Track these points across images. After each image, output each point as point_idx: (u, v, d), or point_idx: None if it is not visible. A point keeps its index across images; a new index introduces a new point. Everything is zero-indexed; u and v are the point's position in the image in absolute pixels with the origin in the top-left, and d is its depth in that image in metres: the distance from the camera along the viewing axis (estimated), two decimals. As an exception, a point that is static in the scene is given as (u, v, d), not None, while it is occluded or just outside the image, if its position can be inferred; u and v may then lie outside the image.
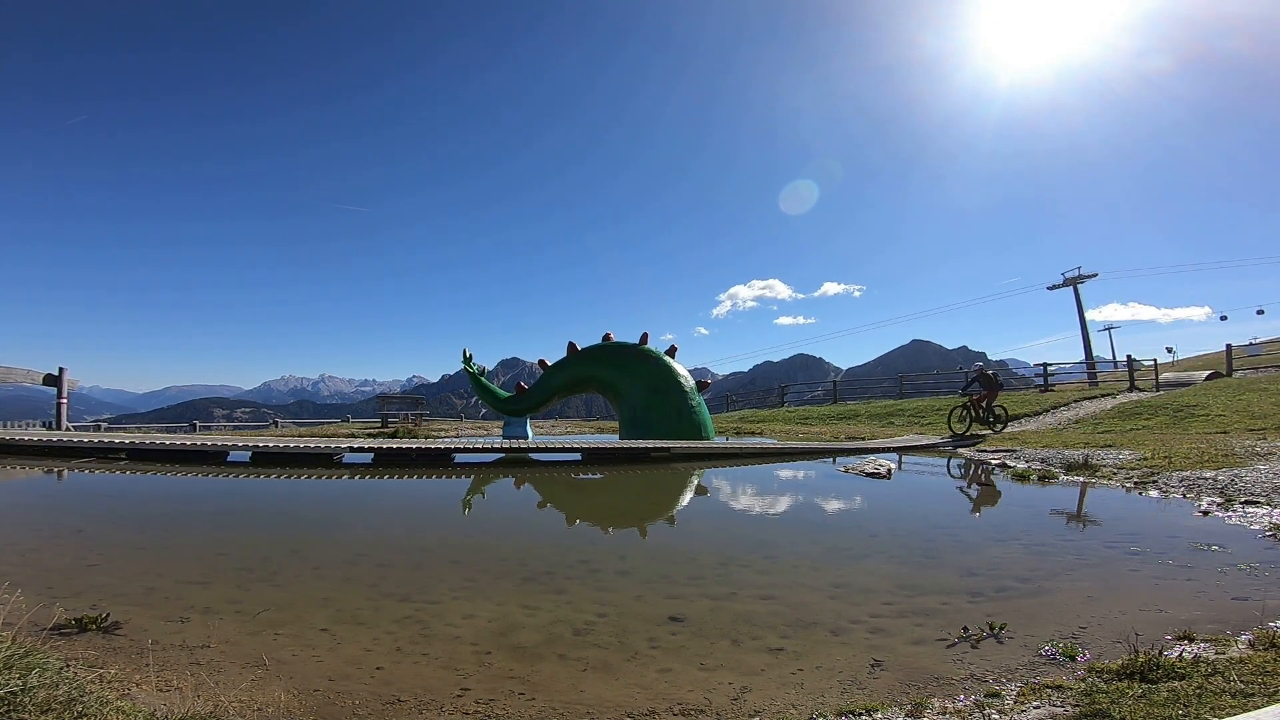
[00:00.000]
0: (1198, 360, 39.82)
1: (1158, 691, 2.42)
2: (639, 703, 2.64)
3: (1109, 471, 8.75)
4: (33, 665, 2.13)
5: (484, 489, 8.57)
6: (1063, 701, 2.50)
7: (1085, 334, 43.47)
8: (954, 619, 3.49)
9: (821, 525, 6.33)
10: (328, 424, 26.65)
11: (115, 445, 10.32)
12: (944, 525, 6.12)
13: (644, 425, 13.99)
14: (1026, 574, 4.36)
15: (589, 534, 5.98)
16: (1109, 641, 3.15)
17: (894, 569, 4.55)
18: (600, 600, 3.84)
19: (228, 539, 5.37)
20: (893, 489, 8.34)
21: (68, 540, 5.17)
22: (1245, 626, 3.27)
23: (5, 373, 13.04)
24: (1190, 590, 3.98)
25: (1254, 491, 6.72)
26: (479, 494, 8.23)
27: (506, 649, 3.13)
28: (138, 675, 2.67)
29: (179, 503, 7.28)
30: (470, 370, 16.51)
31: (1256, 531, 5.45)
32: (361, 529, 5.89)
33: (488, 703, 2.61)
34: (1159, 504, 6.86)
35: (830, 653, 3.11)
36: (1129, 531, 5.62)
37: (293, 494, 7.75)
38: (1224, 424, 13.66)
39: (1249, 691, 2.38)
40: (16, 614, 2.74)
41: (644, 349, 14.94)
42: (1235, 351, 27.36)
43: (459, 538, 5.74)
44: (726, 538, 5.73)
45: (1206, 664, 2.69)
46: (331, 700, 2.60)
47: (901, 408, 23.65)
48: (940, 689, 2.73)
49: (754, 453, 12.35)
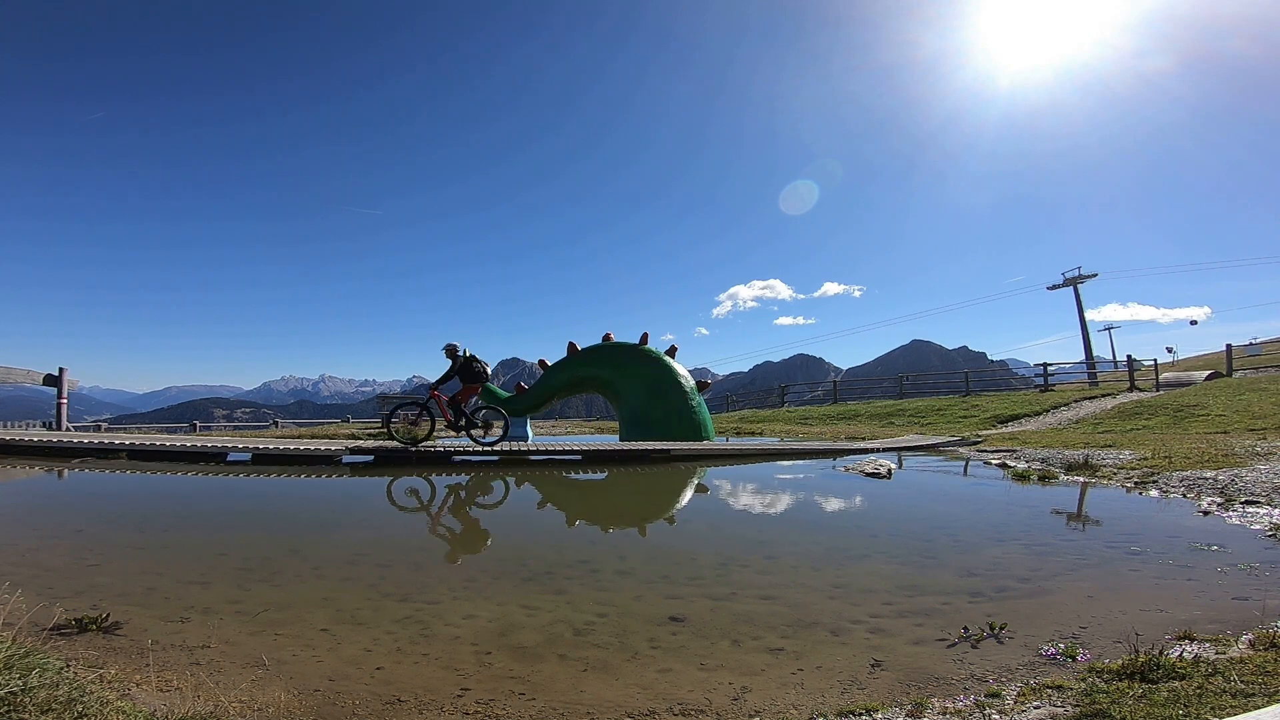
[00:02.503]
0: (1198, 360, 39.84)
1: (1158, 691, 2.42)
2: (639, 703, 2.64)
3: (1109, 471, 8.75)
4: (33, 665, 2.13)
5: (484, 489, 8.57)
6: (1063, 701, 2.50)
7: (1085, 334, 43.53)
8: (954, 619, 3.49)
9: (821, 525, 6.33)
10: (328, 424, 26.65)
11: (115, 445, 10.31)
12: (944, 525, 6.11)
13: (644, 426, 13.99)
14: (1027, 574, 4.36)
15: (589, 534, 5.98)
16: (1109, 641, 3.15)
17: (894, 569, 4.55)
18: (600, 600, 3.84)
19: (228, 539, 5.36)
20: (893, 489, 8.34)
21: (68, 540, 5.16)
22: (1246, 626, 3.27)
23: (5, 373, 13.05)
24: (1191, 590, 3.97)
25: (1254, 491, 6.72)
26: (479, 494, 8.23)
27: (506, 649, 3.13)
28: (138, 675, 2.67)
29: (179, 503, 7.28)
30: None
31: (1257, 531, 5.45)
32: (361, 529, 5.89)
33: (488, 703, 2.61)
34: (1159, 504, 6.86)
35: (830, 653, 3.11)
36: (1129, 531, 5.62)
37: (293, 494, 7.75)
38: (1224, 424, 13.67)
39: (1249, 691, 2.38)
40: (17, 614, 2.74)
41: (644, 349, 14.94)
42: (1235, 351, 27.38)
43: (458, 538, 5.74)
44: (726, 538, 5.73)
45: (1207, 664, 2.69)
46: (332, 700, 2.60)
47: (902, 408, 23.67)
48: (940, 689, 2.73)
49: (754, 453, 12.34)
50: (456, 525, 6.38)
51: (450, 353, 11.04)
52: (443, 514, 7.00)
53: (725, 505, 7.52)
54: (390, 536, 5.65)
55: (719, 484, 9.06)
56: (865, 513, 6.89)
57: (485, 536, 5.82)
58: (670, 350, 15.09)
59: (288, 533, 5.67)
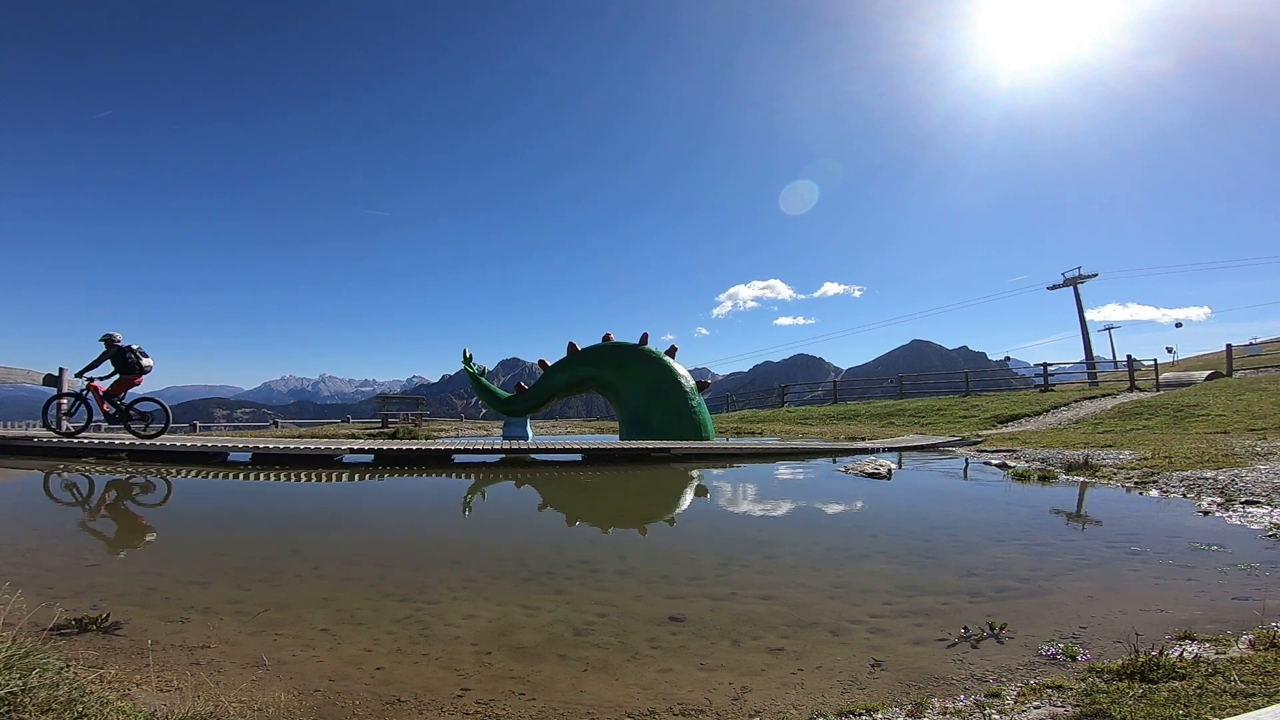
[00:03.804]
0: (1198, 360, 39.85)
1: (1158, 691, 2.42)
2: (639, 703, 2.64)
3: (1109, 471, 8.74)
4: (33, 665, 2.13)
5: (484, 489, 8.56)
6: (1063, 701, 2.49)
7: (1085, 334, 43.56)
8: (954, 619, 3.48)
9: (821, 525, 6.33)
10: (328, 424, 26.65)
11: (115, 446, 10.31)
12: (944, 525, 6.11)
13: (644, 425, 13.99)
14: (1027, 574, 4.36)
15: (589, 534, 5.98)
16: (1109, 641, 3.15)
17: (894, 569, 4.54)
18: (600, 600, 3.84)
19: (228, 539, 5.36)
20: (893, 489, 8.34)
21: (68, 540, 5.17)
22: (1246, 626, 3.27)
23: (5, 373, 13.03)
24: (1191, 590, 3.97)
25: (1254, 491, 6.72)
26: (479, 494, 8.22)
27: (507, 649, 3.13)
28: (138, 675, 2.67)
29: (179, 503, 7.29)
30: (470, 370, 16.53)
31: (1257, 531, 5.45)
32: (361, 529, 5.89)
33: (488, 703, 2.61)
34: (1159, 504, 6.86)
35: (830, 653, 3.11)
36: (1129, 531, 5.62)
37: (292, 494, 7.75)
38: (1224, 424, 13.67)
39: (1249, 691, 2.38)
40: (17, 614, 2.74)
41: (644, 349, 14.95)
42: (1235, 351, 27.37)
43: (459, 538, 5.73)
44: (726, 538, 5.73)
45: (1207, 664, 2.69)
46: (332, 701, 2.59)
47: (902, 408, 23.67)
48: (940, 689, 2.73)
49: (754, 453, 12.34)
50: (456, 525, 6.37)
51: (108, 342, 10.95)
52: (443, 514, 7.00)
53: (725, 505, 7.52)
54: (390, 536, 5.64)
55: (719, 484, 9.06)
56: (865, 513, 6.89)
57: (485, 536, 5.81)
58: (670, 350, 15.09)
59: (287, 533, 5.67)
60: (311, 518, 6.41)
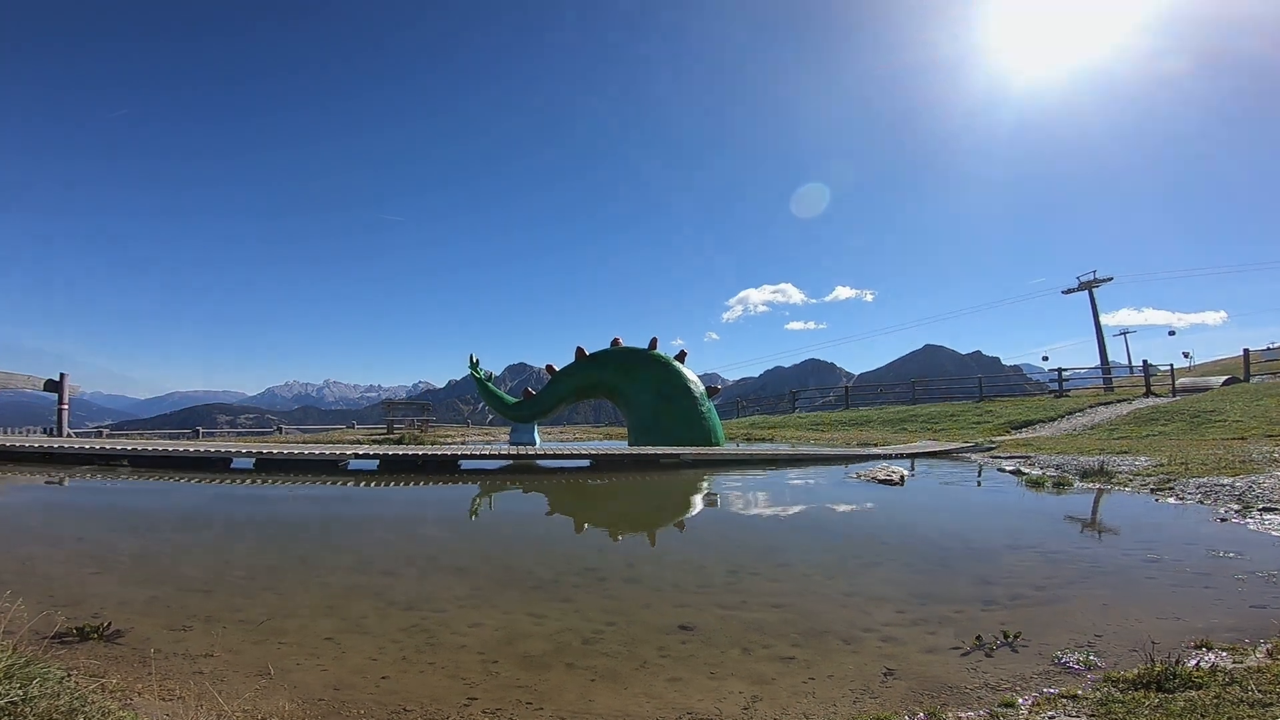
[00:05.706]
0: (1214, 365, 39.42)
1: (1175, 701, 2.37)
2: (648, 713, 2.60)
3: (1125, 478, 8.64)
4: (34, 674, 2.12)
5: (490, 496, 8.55)
6: (1078, 711, 2.45)
7: (1100, 339, 43.14)
8: (968, 627, 3.43)
9: (833, 532, 6.27)
10: (333, 430, 26.75)
11: (117, 452, 10.33)
12: (957, 532, 6.04)
13: (653, 431, 13.94)
14: (1042, 582, 4.29)
15: (597, 542, 5.94)
16: (1125, 650, 3.09)
17: (907, 577, 4.49)
18: (609, 609, 3.80)
19: (231, 546, 5.36)
20: (905, 496, 8.26)
21: (69, 548, 5.17)
22: (1264, 635, 3.21)
23: (6, 378, 13.13)
24: (1208, 598, 3.90)
25: (1272, 498, 6.61)
26: (485, 501, 8.20)
27: (514, 658, 3.10)
28: (140, 684, 2.65)
29: (181, 510, 7.30)
30: (477, 376, 16.54)
31: (1276, 538, 5.37)
32: (366, 536, 5.88)
33: (495, 712, 2.58)
34: (1176, 511, 6.76)
35: (842, 661, 3.06)
36: (1145, 539, 5.54)
37: (297, 501, 7.75)
38: (1242, 430, 13.48)
39: (1267, 701, 2.33)
40: (18, 622, 2.74)
41: (653, 354, 14.90)
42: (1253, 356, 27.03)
43: (465, 545, 5.71)
44: (736, 545, 5.68)
45: (1224, 673, 2.63)
46: (336, 710, 2.57)
47: (914, 413, 23.52)
48: (954, 698, 2.68)
49: (764, 459, 12.28)
50: (463, 532, 6.35)
51: None
52: (449, 521, 6.98)
53: (735, 512, 7.47)
54: (396, 544, 5.63)
55: (729, 490, 9.00)
56: (877, 520, 6.82)
57: (492, 544, 5.79)
58: (680, 355, 15.04)
59: (291, 540, 5.66)
60: (316, 525, 6.40)
